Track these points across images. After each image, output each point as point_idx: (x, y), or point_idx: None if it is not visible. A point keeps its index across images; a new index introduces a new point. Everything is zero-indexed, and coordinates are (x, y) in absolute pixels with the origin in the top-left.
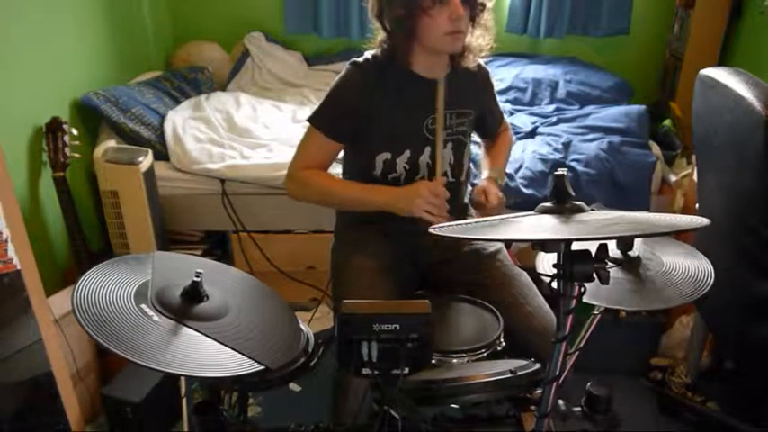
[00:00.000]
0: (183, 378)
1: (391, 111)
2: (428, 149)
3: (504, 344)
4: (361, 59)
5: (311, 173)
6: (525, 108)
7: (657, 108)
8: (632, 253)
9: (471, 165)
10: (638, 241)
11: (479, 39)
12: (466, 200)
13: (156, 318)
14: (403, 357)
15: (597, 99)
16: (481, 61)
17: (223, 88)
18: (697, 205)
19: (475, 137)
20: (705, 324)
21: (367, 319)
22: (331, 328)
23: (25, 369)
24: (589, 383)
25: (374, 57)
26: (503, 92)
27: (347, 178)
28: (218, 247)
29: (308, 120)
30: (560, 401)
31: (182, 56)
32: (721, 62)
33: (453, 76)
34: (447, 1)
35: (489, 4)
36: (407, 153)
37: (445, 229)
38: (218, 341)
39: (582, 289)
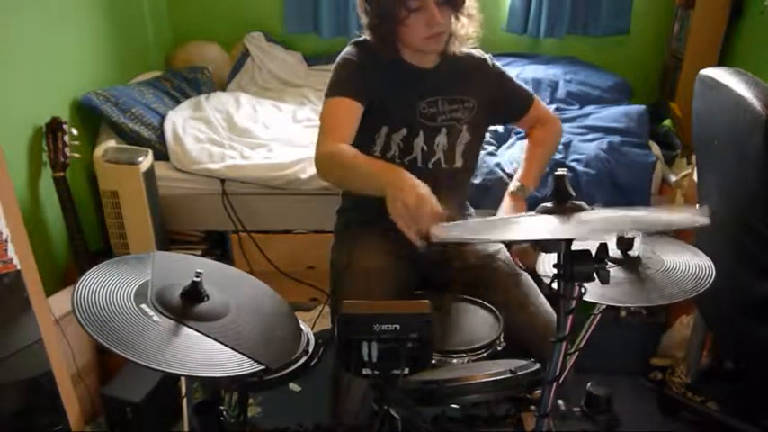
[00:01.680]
0: (182, 378)
1: (388, 89)
2: (422, 134)
3: (504, 344)
4: (360, 39)
5: (343, 147)
6: None
7: (657, 108)
8: (632, 253)
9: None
10: (638, 241)
11: (464, 28)
12: (464, 198)
13: (155, 318)
14: (403, 357)
15: (597, 99)
16: (477, 52)
17: (223, 88)
18: (697, 205)
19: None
20: (705, 324)
21: (367, 319)
22: (331, 328)
23: (25, 369)
24: (589, 383)
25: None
26: None
27: None
28: (218, 247)
29: (327, 95)
30: (560, 401)
31: (182, 56)
32: (721, 62)
33: (445, 63)
34: (422, 9)
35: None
36: (404, 131)
37: (445, 229)
38: (219, 341)
39: (582, 289)
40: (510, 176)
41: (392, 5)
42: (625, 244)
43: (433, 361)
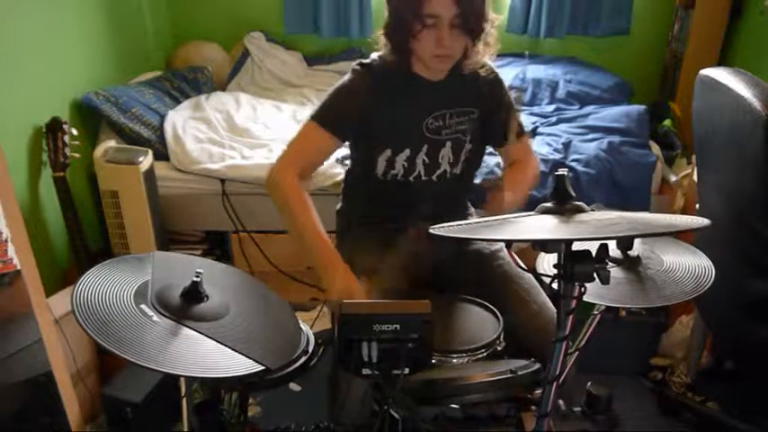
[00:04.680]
0: (182, 378)
1: (394, 110)
2: (425, 147)
3: (504, 344)
4: (367, 61)
5: (295, 188)
6: (525, 108)
7: (657, 108)
8: (632, 253)
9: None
10: (638, 241)
11: (478, 54)
12: (466, 198)
13: (155, 318)
14: (403, 357)
15: (597, 99)
16: (493, 64)
17: (223, 88)
18: (697, 205)
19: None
20: (705, 324)
21: (367, 319)
22: (331, 328)
23: (25, 369)
24: (589, 383)
25: (380, 58)
26: None
27: (350, 179)
28: (218, 247)
29: (312, 117)
30: (560, 401)
31: (181, 56)
32: (721, 62)
33: (455, 77)
34: (434, 26)
35: (489, 28)
36: (407, 151)
37: (445, 229)
38: (218, 341)
39: (582, 289)
40: None
41: (409, 16)
42: (625, 244)
43: (433, 361)
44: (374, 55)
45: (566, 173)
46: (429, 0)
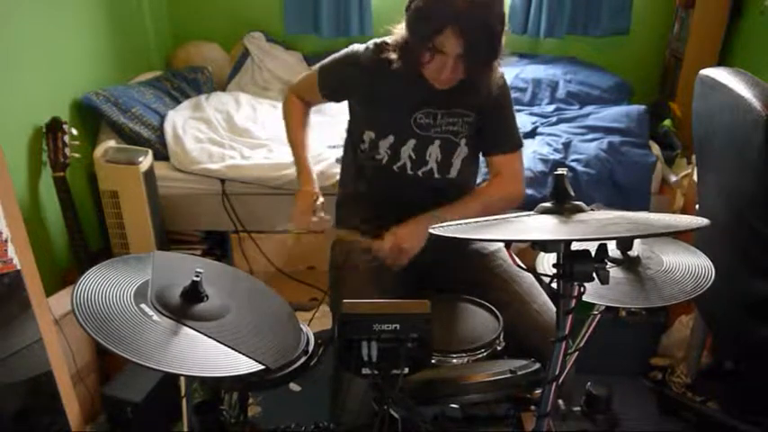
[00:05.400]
0: (182, 378)
1: (385, 95)
2: (412, 142)
3: (503, 344)
4: (379, 41)
5: (297, 105)
6: (525, 108)
7: (657, 108)
8: (632, 253)
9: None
10: (637, 241)
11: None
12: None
13: (155, 317)
14: (403, 357)
15: (597, 99)
16: (501, 66)
17: (223, 88)
18: (697, 205)
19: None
20: (705, 324)
21: (367, 319)
22: (331, 328)
23: (25, 369)
24: (589, 383)
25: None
26: None
27: (345, 159)
28: (218, 247)
29: (319, 68)
30: (560, 401)
31: (181, 56)
32: (721, 62)
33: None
34: (444, 55)
35: (495, 65)
36: (391, 138)
37: (444, 228)
38: (218, 341)
39: (582, 289)
40: None
41: (419, 44)
42: (624, 244)
43: (432, 361)
44: (389, 38)
45: (565, 172)
46: (438, 35)
